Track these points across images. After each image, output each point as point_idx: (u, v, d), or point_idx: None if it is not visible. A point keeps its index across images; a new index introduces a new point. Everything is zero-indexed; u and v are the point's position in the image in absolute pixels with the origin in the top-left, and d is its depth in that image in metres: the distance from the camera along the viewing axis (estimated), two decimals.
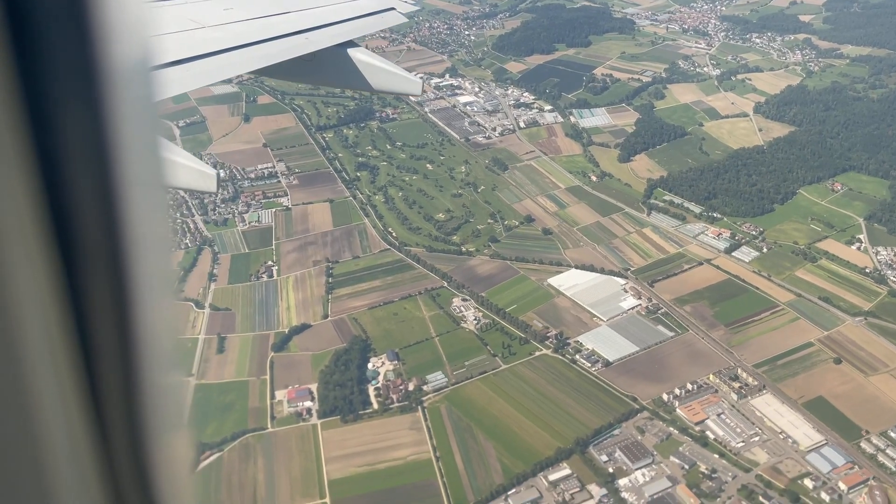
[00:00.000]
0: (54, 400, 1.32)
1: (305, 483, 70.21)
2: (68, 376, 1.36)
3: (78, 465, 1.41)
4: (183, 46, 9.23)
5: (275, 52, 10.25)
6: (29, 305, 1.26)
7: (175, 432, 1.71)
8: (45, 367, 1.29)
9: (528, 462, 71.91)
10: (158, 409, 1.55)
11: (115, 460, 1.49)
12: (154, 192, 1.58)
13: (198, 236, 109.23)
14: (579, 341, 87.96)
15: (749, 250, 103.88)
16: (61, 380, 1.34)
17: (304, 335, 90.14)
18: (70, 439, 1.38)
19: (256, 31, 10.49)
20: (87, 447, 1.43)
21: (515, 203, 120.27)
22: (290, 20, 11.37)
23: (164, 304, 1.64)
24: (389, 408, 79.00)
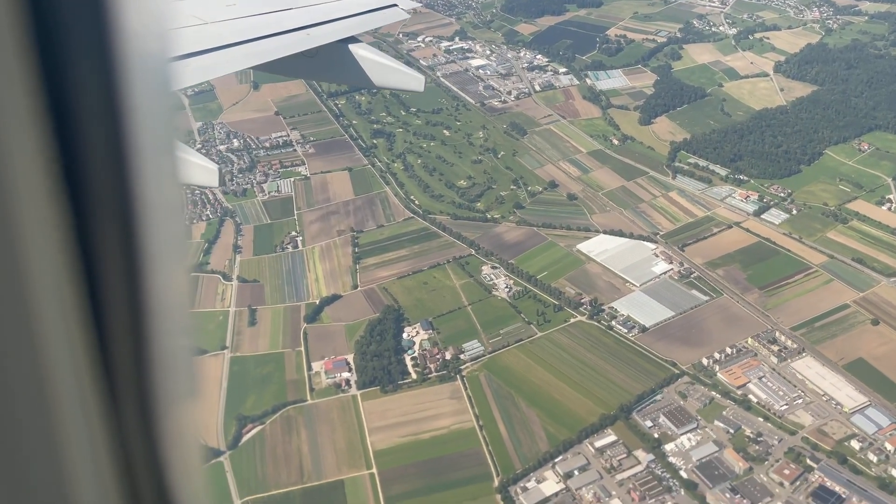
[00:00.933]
0: (67, 372, 1.35)
1: (351, 454, 70.41)
2: (81, 343, 1.38)
3: (91, 439, 1.44)
4: (185, 42, 9.30)
5: (276, 47, 10.36)
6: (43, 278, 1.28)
7: (187, 403, 1.74)
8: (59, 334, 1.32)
9: (572, 429, 72.22)
10: (170, 378, 1.57)
11: (126, 433, 1.50)
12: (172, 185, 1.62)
13: (218, 207, 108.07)
14: (614, 307, 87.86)
15: (778, 212, 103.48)
16: (74, 349, 1.37)
17: (335, 306, 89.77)
18: (83, 410, 1.40)
19: (258, 26, 10.61)
20: (99, 420, 1.44)
21: (537, 168, 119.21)
22: (292, 16, 11.39)
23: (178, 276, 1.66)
24: (428, 377, 79.00)
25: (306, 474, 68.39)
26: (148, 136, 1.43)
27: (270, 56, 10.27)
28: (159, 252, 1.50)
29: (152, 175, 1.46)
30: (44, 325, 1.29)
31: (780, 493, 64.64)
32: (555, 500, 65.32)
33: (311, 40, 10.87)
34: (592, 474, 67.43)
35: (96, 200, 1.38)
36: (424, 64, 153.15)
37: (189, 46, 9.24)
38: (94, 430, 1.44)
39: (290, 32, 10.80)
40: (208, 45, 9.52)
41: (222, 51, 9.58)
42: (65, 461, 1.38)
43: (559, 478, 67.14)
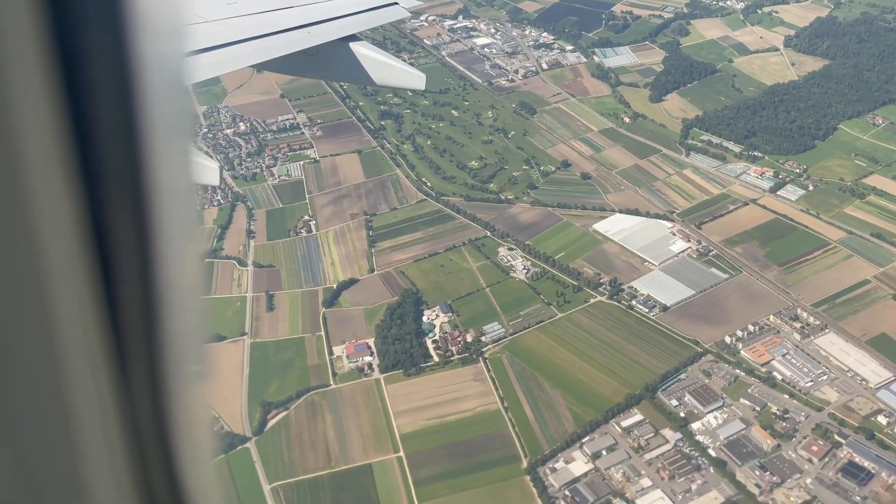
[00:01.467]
0: (82, 358, 1.38)
1: (377, 438, 70.53)
2: (95, 329, 1.41)
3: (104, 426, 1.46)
4: (191, 40, 9.36)
5: (277, 45, 10.43)
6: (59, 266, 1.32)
7: (199, 388, 1.76)
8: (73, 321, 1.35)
9: (598, 409, 72.41)
10: (182, 363, 1.59)
11: (138, 420, 1.53)
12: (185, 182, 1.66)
13: (229, 192, 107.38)
14: (633, 287, 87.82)
15: (794, 188, 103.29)
16: (88, 335, 1.39)
17: (352, 290, 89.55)
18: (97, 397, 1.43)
19: (259, 25, 10.67)
20: (112, 407, 1.47)
21: (549, 148, 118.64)
22: (293, 14, 11.42)
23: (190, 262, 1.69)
24: (450, 360, 79.02)
25: (334, 459, 68.52)
26: (162, 126, 1.45)
27: (271, 54, 10.33)
28: (172, 238, 1.52)
29: (165, 163, 1.48)
30: (58, 312, 1.33)
31: (809, 469, 65.02)
32: (584, 480, 65.55)
33: (312, 38, 10.90)
34: (621, 454, 67.70)
35: (110, 188, 1.40)
36: (429, 43, 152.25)
37: (192, 44, 9.28)
38: (107, 416, 1.46)
39: (291, 30, 10.84)
40: (209, 43, 9.57)
41: (223, 49, 9.64)
42: (78, 448, 1.40)
43: (588, 458, 67.40)
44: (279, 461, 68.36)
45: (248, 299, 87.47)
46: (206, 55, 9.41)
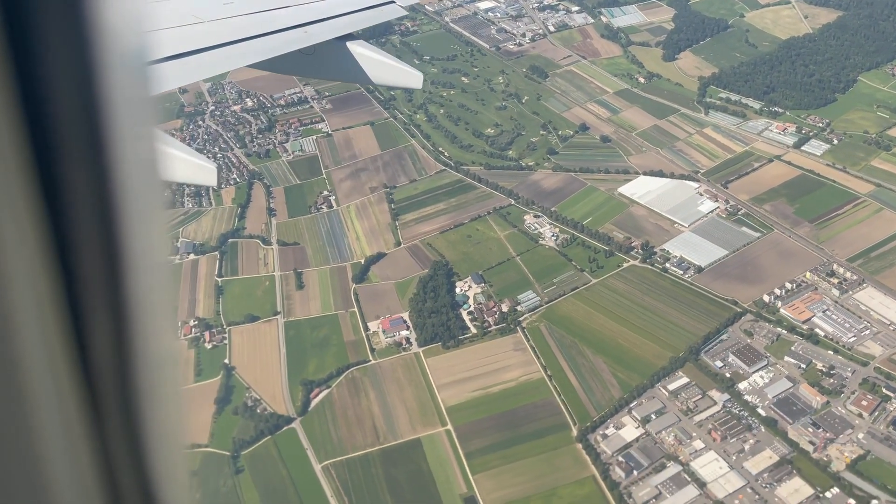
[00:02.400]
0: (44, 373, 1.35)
1: (423, 412, 70.43)
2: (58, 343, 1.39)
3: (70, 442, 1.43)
4: (183, 41, 9.44)
5: (273, 45, 10.45)
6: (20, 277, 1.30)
7: (172, 403, 1.75)
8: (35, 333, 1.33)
9: (642, 374, 72.51)
10: (153, 378, 1.58)
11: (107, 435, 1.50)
12: (151, 186, 1.65)
13: (244, 170, 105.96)
14: (665, 249, 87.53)
15: (819, 143, 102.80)
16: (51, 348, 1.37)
17: (381, 264, 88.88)
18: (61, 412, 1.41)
19: (256, 24, 10.73)
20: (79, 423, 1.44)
21: (565, 112, 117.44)
22: (290, 14, 11.47)
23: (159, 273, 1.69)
24: (488, 331, 78.76)
25: (381, 435, 68.45)
26: (126, 134, 1.44)
27: (268, 54, 10.34)
28: (139, 249, 1.50)
29: (131, 171, 1.46)
30: (20, 324, 1.29)
31: (860, 424, 65.49)
32: (636, 445, 65.81)
33: (308, 38, 10.95)
34: (670, 417, 67.93)
35: (73, 197, 1.38)
36: (430, 10, 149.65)
37: (187, 45, 9.35)
38: (73, 432, 1.43)
39: (287, 30, 10.88)
40: (206, 43, 9.61)
41: (220, 49, 9.66)
42: (43, 465, 1.37)
43: (637, 423, 67.61)
44: (327, 440, 68.22)
45: (276, 278, 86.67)
46: (203, 55, 9.41)
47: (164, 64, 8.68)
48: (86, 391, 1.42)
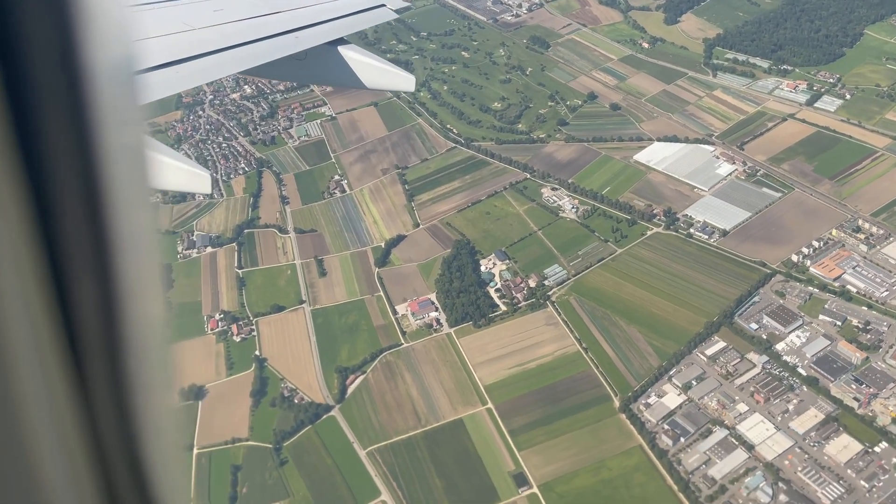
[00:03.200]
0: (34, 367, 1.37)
1: (462, 392, 70.43)
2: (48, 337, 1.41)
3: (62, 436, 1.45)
4: (174, 48, 9.51)
5: (265, 51, 10.52)
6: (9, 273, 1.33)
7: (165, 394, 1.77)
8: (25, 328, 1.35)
9: (678, 341, 72.72)
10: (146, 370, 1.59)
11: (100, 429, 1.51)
12: (140, 192, 1.69)
13: (251, 159, 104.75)
14: (688, 214, 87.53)
15: (831, 99, 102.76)
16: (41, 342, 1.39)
17: (401, 247, 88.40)
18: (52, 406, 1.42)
19: (246, 31, 10.76)
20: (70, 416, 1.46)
21: (571, 81, 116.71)
22: (281, 20, 11.54)
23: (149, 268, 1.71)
24: (518, 307, 78.65)
25: (423, 418, 68.44)
26: (114, 140, 1.47)
27: (259, 60, 10.39)
28: (129, 246, 1.53)
29: (120, 175, 1.49)
30: (10, 320, 1.30)
31: None
32: (680, 412, 66.14)
33: (299, 43, 10.99)
34: (711, 382, 68.27)
35: (63, 198, 1.41)
36: None
37: (178, 52, 9.40)
38: (65, 426, 1.44)
39: (278, 36, 10.93)
40: (197, 50, 9.65)
41: (211, 56, 9.71)
42: (34, 460, 1.37)
43: (679, 390, 67.91)
44: (368, 426, 68.14)
45: (297, 266, 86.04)
46: (194, 63, 9.43)
47: (157, 72, 8.77)
48: (76, 382, 1.43)
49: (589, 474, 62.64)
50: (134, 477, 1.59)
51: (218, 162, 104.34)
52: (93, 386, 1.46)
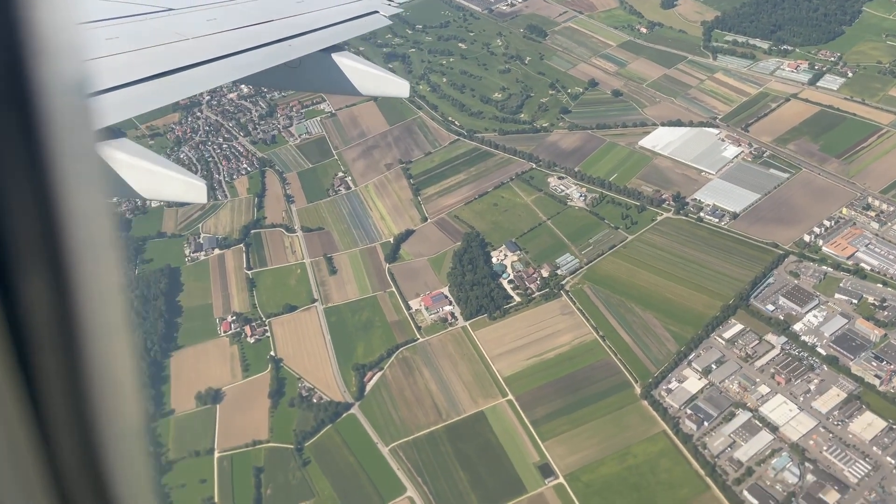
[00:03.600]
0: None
1: (480, 385, 70.30)
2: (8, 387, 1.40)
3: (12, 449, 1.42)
4: (167, 58, 9.58)
5: (258, 60, 10.55)
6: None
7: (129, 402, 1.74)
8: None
9: (695, 325, 72.73)
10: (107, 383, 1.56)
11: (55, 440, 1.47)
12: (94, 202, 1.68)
13: (253, 159, 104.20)
14: (697, 199, 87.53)
15: (833, 77, 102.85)
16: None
17: (410, 241, 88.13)
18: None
19: (240, 40, 10.83)
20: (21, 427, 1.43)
21: (570, 69, 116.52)
22: (274, 28, 11.61)
23: (114, 308, 1.71)
24: (532, 298, 78.51)
25: (444, 412, 68.30)
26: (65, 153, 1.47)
27: (253, 69, 10.39)
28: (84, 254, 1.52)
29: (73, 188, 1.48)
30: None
31: None
32: (702, 396, 66.20)
33: (293, 51, 11.07)
34: (731, 365, 68.35)
35: (21, 247, 1.41)
36: None
37: (172, 63, 9.46)
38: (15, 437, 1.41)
39: (272, 44, 10.97)
40: (191, 60, 9.69)
41: (204, 66, 9.73)
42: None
43: (699, 374, 67.96)
44: (389, 422, 67.96)
45: (307, 265, 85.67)
46: (188, 73, 9.47)
47: (151, 82, 8.80)
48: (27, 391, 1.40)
49: (614, 462, 62.65)
50: (93, 488, 1.52)
51: (219, 163, 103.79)
52: (45, 395, 1.42)
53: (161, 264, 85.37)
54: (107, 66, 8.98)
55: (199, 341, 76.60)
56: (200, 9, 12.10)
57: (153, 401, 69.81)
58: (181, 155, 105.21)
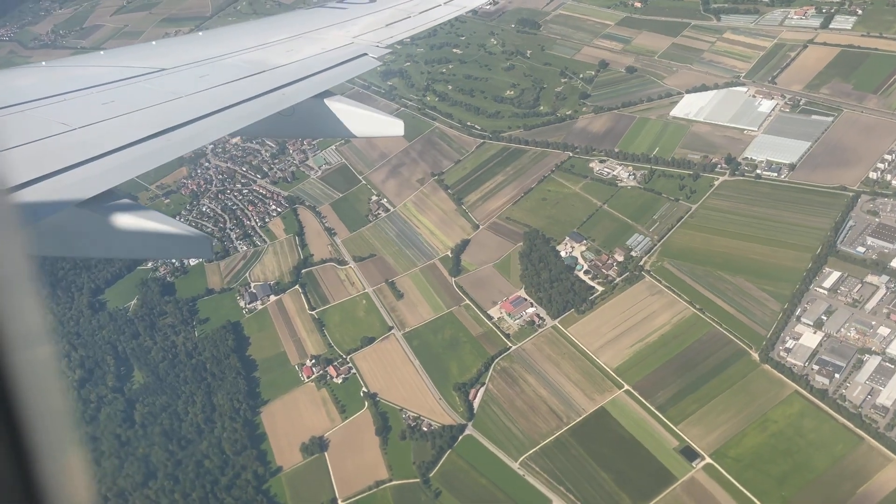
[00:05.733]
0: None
1: (591, 381, 68.48)
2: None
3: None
4: (163, 118, 9.92)
5: (253, 111, 10.81)
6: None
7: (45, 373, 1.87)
8: None
9: (791, 281, 71.91)
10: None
11: None
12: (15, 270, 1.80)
13: (279, 199, 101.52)
14: (748, 157, 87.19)
15: (844, 17, 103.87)
16: None
17: (469, 251, 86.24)
18: None
19: (232, 93, 11.18)
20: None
21: (575, 55, 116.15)
22: (266, 79, 11.96)
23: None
24: (615, 284, 77.08)
25: (563, 415, 66.26)
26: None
27: (248, 120, 10.57)
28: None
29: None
30: None
31: None
32: (823, 349, 65.19)
33: (285, 99, 11.36)
34: (842, 313, 67.57)
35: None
36: None
37: (168, 121, 9.76)
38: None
39: (264, 95, 11.29)
40: (186, 117, 9.99)
41: (201, 121, 10.02)
42: None
43: (812, 328, 67.03)
44: (510, 436, 65.71)
45: (370, 294, 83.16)
46: (186, 129, 9.71)
47: (148, 142, 9.10)
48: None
49: (756, 431, 61.21)
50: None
51: (246, 209, 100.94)
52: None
53: (219, 322, 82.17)
54: (104, 130, 9.33)
55: (284, 392, 73.61)
56: (192, 66, 12.45)
57: (256, 461, 66.69)
58: (203, 208, 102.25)
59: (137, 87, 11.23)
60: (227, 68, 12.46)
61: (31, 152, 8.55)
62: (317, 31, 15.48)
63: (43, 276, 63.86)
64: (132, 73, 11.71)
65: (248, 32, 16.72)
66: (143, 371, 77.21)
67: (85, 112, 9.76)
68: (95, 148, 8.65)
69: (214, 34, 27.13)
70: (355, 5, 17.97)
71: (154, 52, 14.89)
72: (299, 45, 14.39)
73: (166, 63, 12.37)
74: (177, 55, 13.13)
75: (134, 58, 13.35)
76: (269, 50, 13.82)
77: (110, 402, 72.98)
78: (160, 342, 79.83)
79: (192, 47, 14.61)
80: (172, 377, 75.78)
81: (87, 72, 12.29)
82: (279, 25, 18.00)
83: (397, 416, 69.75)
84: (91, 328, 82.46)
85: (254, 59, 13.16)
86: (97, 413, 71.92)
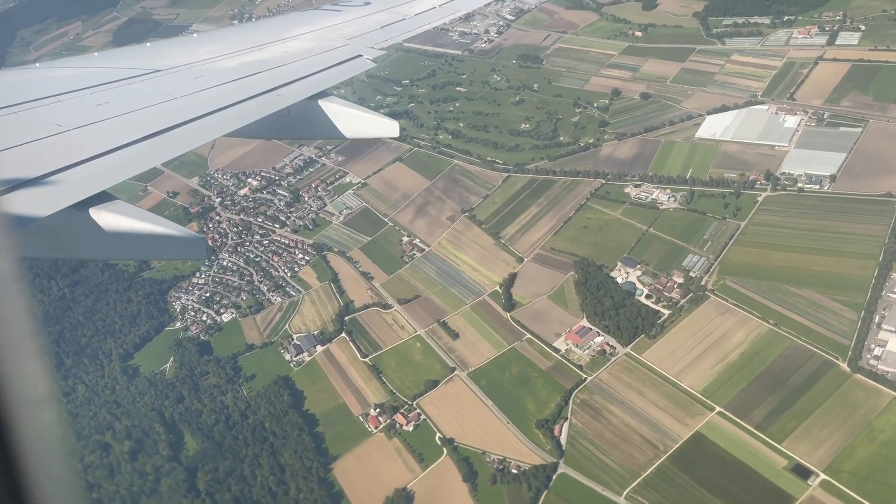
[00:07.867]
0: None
1: (680, 406, 66.78)
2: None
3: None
4: (158, 119, 10.01)
5: (248, 112, 10.91)
6: None
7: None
8: None
9: (861, 289, 72.03)
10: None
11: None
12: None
13: (305, 247, 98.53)
14: (785, 171, 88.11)
15: (848, 34, 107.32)
16: None
17: (518, 284, 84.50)
18: None
19: (227, 94, 11.29)
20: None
21: (584, 85, 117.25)
22: (261, 80, 12.07)
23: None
24: (681, 306, 76.10)
25: (658, 444, 64.22)
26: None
27: (241, 122, 10.66)
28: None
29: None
30: None
31: None
32: None
33: (281, 100, 11.42)
34: None
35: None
36: None
37: (162, 123, 9.80)
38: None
39: (259, 96, 11.37)
40: (182, 118, 10.05)
41: (196, 122, 10.10)
42: None
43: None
44: (607, 470, 63.25)
45: (423, 337, 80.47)
46: (181, 129, 9.76)
47: (143, 143, 9.13)
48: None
49: (865, 443, 60.12)
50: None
51: (271, 259, 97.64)
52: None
53: (267, 378, 78.29)
54: (98, 131, 9.28)
55: (354, 445, 69.96)
56: (187, 68, 12.42)
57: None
58: (224, 262, 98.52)
59: (132, 88, 11.23)
60: (222, 70, 12.48)
61: (24, 154, 8.52)
62: (312, 33, 15.53)
63: (64, 344, 59.72)
64: (127, 75, 11.66)
65: (244, 34, 16.83)
66: (195, 436, 72.64)
67: (79, 113, 9.72)
68: (89, 149, 8.67)
69: (210, 36, 26.28)
70: (350, 7, 18.12)
71: (149, 53, 14.86)
72: (294, 46, 14.43)
73: (161, 64, 12.38)
74: (172, 56, 13.15)
75: (128, 59, 13.31)
76: (265, 51, 13.87)
77: (168, 473, 68.18)
78: (209, 404, 75.49)
79: (187, 48, 14.61)
80: (230, 440, 71.46)
81: (81, 73, 12.24)
82: (274, 27, 18.06)
83: (480, 460, 66.71)
84: (130, 396, 77.65)
85: (249, 60, 13.21)
86: (157, 485, 67.11)
